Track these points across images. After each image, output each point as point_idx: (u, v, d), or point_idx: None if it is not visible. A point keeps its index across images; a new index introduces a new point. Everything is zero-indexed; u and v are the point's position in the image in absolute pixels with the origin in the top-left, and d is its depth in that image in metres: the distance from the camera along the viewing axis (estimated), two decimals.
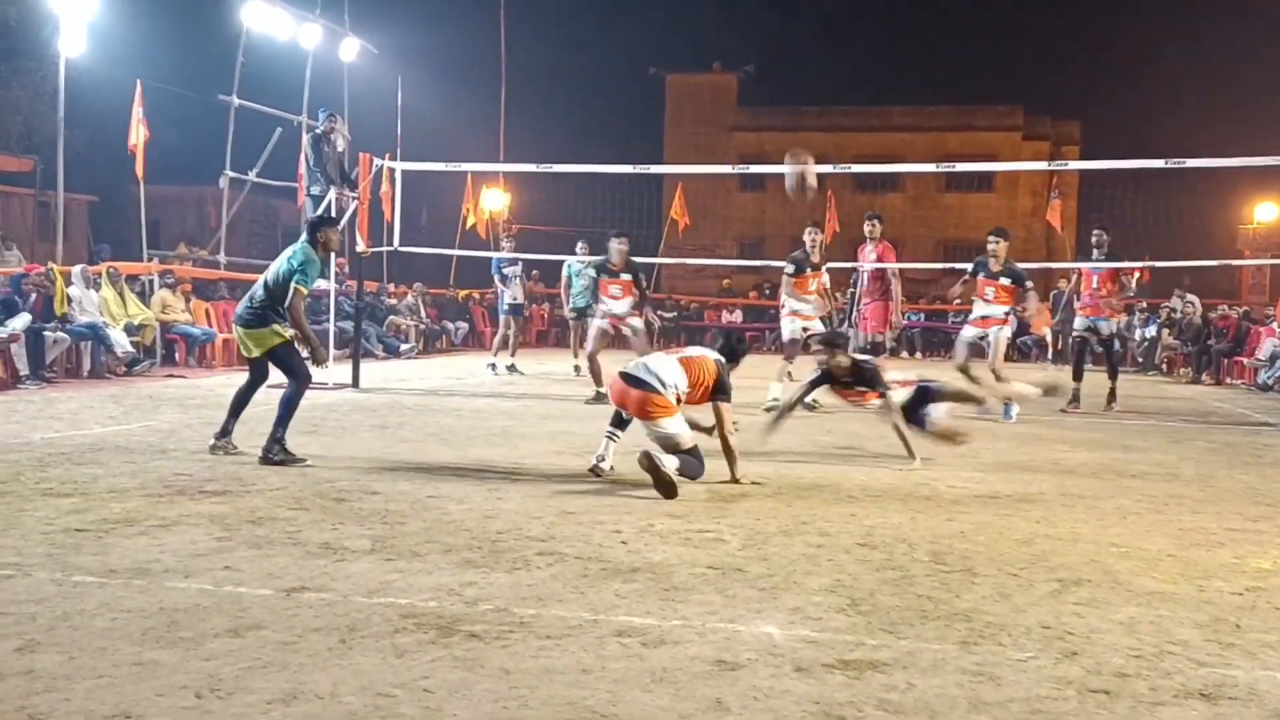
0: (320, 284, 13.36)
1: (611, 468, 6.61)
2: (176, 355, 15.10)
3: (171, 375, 13.51)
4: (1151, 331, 21.62)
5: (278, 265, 7.15)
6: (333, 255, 13.07)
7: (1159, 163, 11.96)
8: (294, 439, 7.92)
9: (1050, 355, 22.53)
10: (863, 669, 3.29)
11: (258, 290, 7.15)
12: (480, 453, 7.58)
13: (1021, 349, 22.86)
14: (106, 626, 3.52)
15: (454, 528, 5.08)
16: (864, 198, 39.81)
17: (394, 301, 21.08)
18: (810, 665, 3.31)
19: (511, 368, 15.25)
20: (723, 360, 6.70)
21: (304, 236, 7.32)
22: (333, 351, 13.56)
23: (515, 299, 15.73)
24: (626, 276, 11.27)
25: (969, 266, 11.28)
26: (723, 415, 6.54)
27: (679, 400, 6.43)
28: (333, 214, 12.75)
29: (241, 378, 7.49)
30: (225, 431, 7.20)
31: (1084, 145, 40.16)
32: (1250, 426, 10.96)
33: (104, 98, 20.70)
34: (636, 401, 6.37)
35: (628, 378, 6.45)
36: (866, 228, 12.31)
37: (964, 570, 4.53)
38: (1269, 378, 16.19)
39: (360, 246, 13.33)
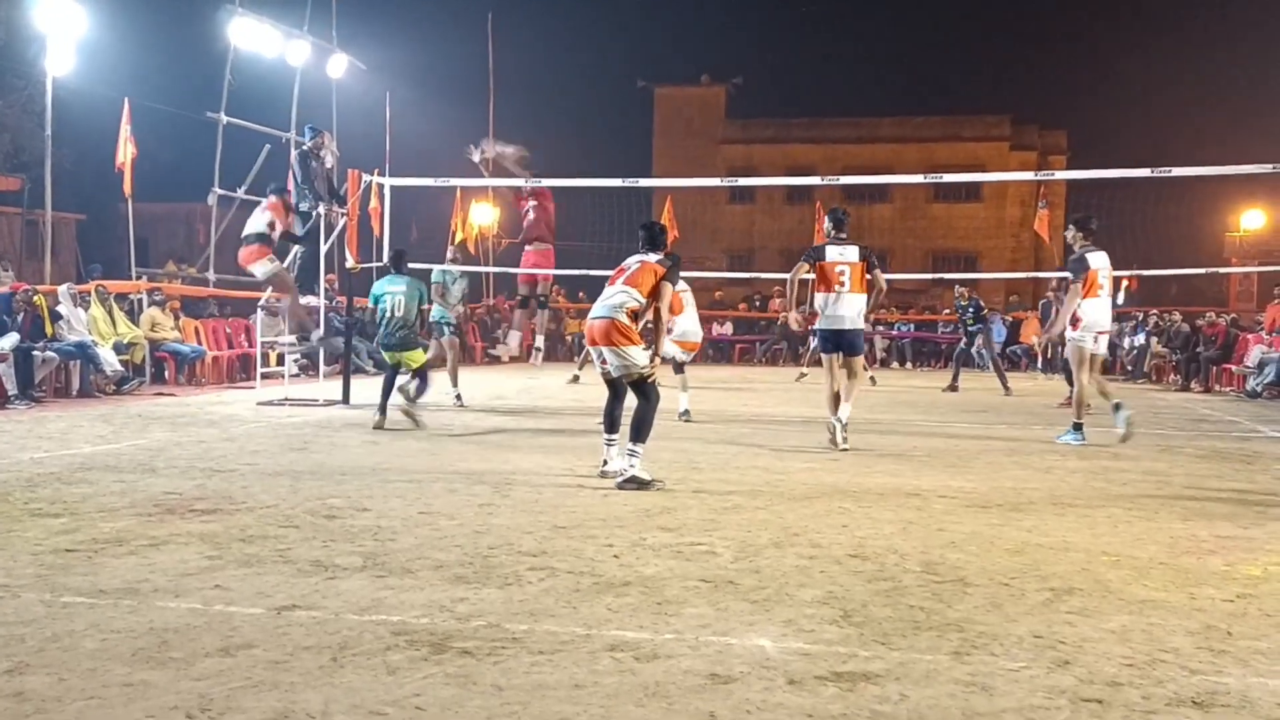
0: (310, 300, 13.39)
1: (621, 481, 6.83)
2: (166, 373, 15.07)
3: (161, 393, 13.47)
4: (1140, 340, 21.69)
5: (400, 300, 9.93)
6: (322, 272, 13.12)
7: (1145, 172, 12.02)
8: (285, 455, 7.93)
9: (1040, 364, 22.61)
10: (855, 680, 3.29)
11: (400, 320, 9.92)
12: (471, 467, 7.57)
13: (1011, 358, 22.94)
14: (96, 647, 3.50)
15: (445, 544, 5.06)
16: (852, 208, 39.87)
17: None
18: (803, 677, 3.31)
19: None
20: (656, 255, 7.16)
21: (396, 266, 10.32)
22: (323, 368, 13.58)
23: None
24: None
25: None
26: (662, 293, 7.02)
27: (637, 316, 6.93)
28: (320, 230, 12.77)
29: (232, 395, 7.47)
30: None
31: (1071, 155, 40.43)
32: (1240, 434, 10.99)
33: (92, 116, 20.70)
34: (602, 331, 6.90)
35: (593, 316, 7.03)
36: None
37: (956, 580, 4.54)
38: (1257, 384, 16.26)
39: (350, 263, 13.32)
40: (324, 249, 12.89)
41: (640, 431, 6.82)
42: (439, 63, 35.00)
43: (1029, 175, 22.74)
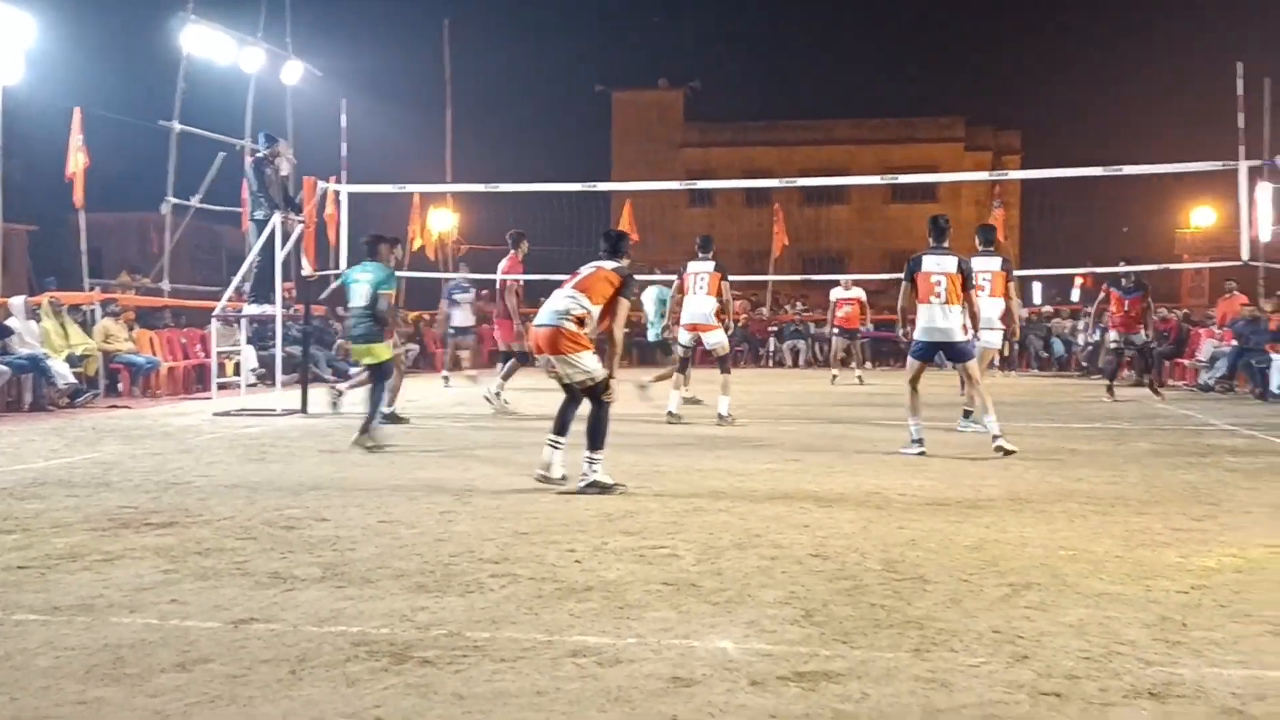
0: (266, 309, 13.26)
1: (563, 476, 6.76)
2: (120, 385, 14.86)
3: (115, 406, 13.28)
4: (1095, 336, 21.94)
5: (364, 289, 9.01)
6: (279, 281, 13.00)
7: (1098, 170, 12.21)
8: (242, 466, 7.85)
9: (997, 362, 22.79)
10: (817, 680, 3.30)
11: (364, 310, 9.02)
12: (432, 475, 7.53)
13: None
14: (50, 665, 3.44)
15: (406, 552, 5.03)
16: (811, 210, 40.26)
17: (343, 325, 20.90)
18: (765, 678, 3.31)
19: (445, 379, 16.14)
20: (614, 263, 6.94)
21: (369, 254, 9.30)
22: (280, 377, 13.45)
23: (465, 322, 16.31)
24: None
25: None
26: (617, 312, 6.79)
27: (583, 322, 6.67)
28: (277, 239, 12.65)
29: (188, 406, 7.38)
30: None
31: (1025, 155, 40.88)
32: (1192, 427, 11.15)
33: (42, 125, 20.36)
34: (548, 339, 6.67)
35: (539, 324, 6.80)
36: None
37: (915, 578, 4.57)
38: (1210, 379, 16.51)
39: (306, 270, 13.21)
40: (280, 257, 12.77)
41: (596, 438, 6.70)
42: (396, 69, 34.73)
43: (983, 175, 23.01)
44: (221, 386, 13.80)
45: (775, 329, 25.97)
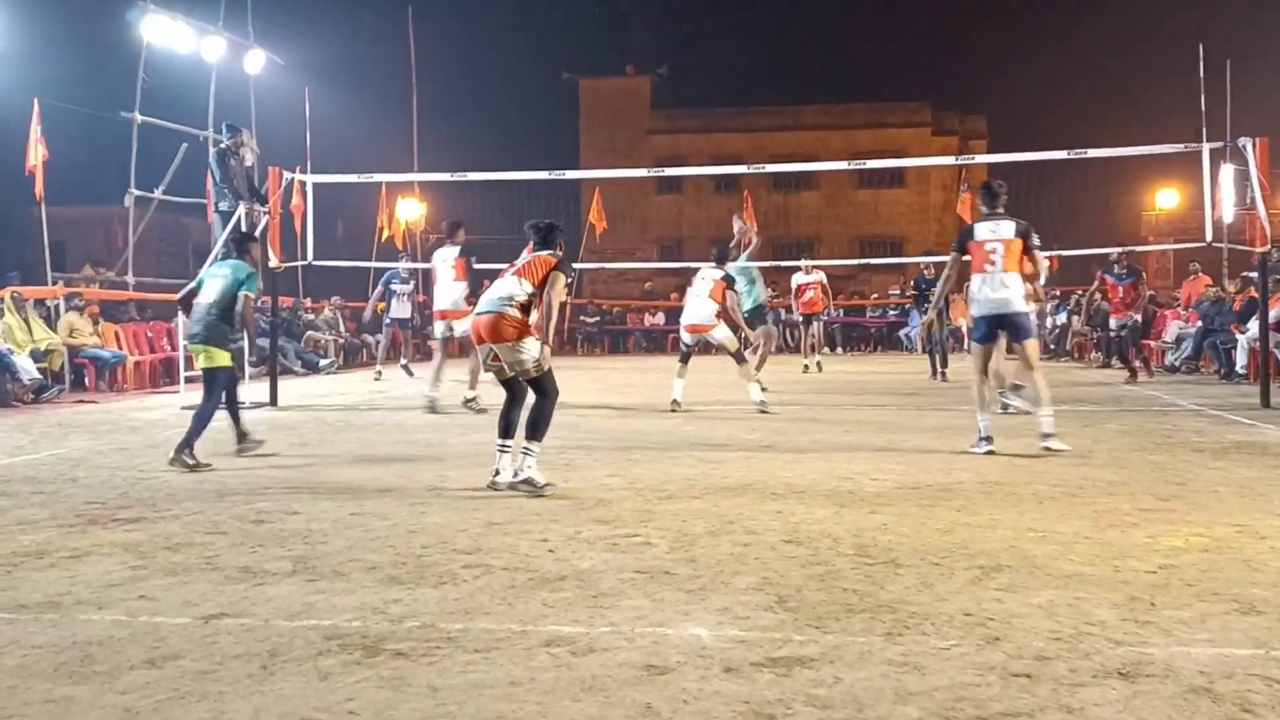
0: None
1: (513, 480, 6.42)
2: (86, 380, 14.69)
3: (81, 401, 13.14)
4: (1062, 318, 22.13)
5: (219, 286, 8.11)
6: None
7: (1063, 154, 12.28)
8: (211, 460, 7.78)
9: (966, 345, 22.94)
10: (791, 665, 3.31)
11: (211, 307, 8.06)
12: (403, 467, 7.49)
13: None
14: (17, 664, 3.40)
15: (378, 544, 5.01)
16: (780, 196, 40.32)
17: (311, 316, 20.76)
18: (739, 665, 3.32)
19: (405, 367, 16.39)
20: (549, 250, 6.70)
21: (233, 252, 8.47)
22: (248, 370, 13.32)
23: (403, 313, 17.02)
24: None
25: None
26: (556, 283, 6.51)
27: (528, 309, 6.43)
28: (244, 229, 12.52)
29: (156, 400, 7.31)
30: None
31: (991, 139, 41.06)
32: (1159, 408, 11.27)
33: (1, 117, 20.06)
34: (489, 327, 6.41)
35: (481, 313, 6.54)
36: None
37: (888, 562, 4.59)
38: (1175, 359, 16.69)
39: (273, 261, 13.08)
40: None
41: (537, 428, 6.38)
42: (360, 57, 34.50)
43: (949, 160, 23.09)
44: (189, 380, 13.66)
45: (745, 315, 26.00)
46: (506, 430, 6.58)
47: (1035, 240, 8.14)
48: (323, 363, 19.04)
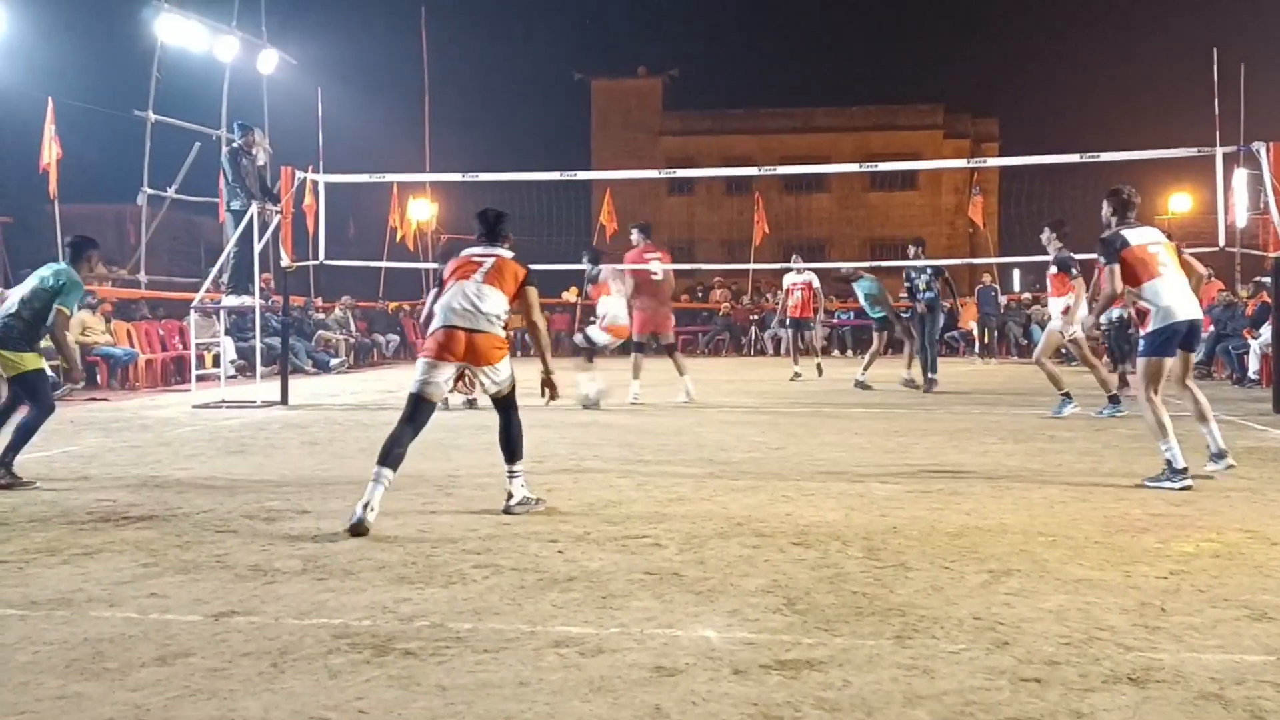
0: (245, 300, 13.18)
1: (509, 504, 5.83)
2: (98, 378, 14.76)
3: (93, 398, 13.18)
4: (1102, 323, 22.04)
5: (31, 284, 7.09)
6: (256, 272, 12.92)
7: (1074, 157, 12.25)
8: (222, 459, 7.81)
9: (977, 349, 22.94)
10: (799, 668, 3.31)
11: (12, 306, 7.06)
12: (414, 466, 7.46)
13: (949, 343, 23.22)
14: (29, 660, 3.42)
15: (388, 544, 5.02)
16: (792, 198, 40.32)
17: (322, 316, 20.82)
18: (748, 667, 3.32)
19: None
20: (507, 251, 6.05)
21: (68, 256, 7.27)
22: (260, 369, 13.38)
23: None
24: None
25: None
26: (535, 304, 6.02)
27: (507, 325, 5.92)
28: (254, 229, 12.57)
29: (167, 398, 7.33)
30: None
31: (1003, 142, 41.01)
32: (1171, 413, 11.18)
33: (15, 116, 20.15)
34: (482, 347, 5.69)
35: (462, 328, 5.71)
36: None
37: (897, 565, 4.58)
38: None
39: (285, 261, 13.13)
40: (258, 248, 12.69)
41: (515, 450, 5.89)
42: (373, 57, 34.61)
43: (962, 163, 23.07)
44: (200, 378, 13.73)
45: (757, 318, 26.04)
46: (391, 458, 5.51)
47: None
48: (333, 362, 19.09)
